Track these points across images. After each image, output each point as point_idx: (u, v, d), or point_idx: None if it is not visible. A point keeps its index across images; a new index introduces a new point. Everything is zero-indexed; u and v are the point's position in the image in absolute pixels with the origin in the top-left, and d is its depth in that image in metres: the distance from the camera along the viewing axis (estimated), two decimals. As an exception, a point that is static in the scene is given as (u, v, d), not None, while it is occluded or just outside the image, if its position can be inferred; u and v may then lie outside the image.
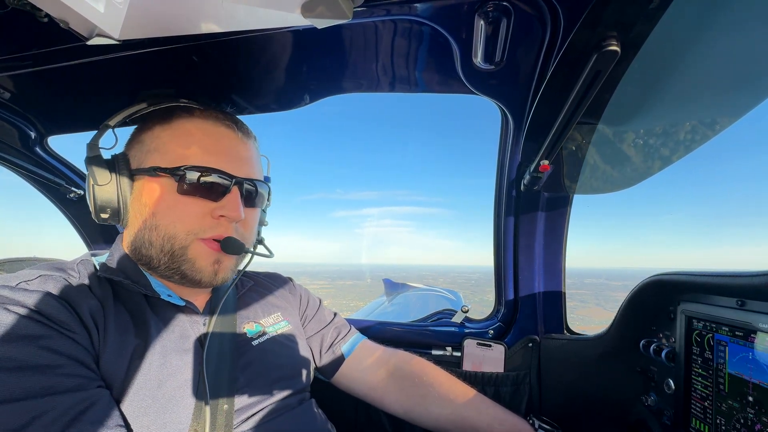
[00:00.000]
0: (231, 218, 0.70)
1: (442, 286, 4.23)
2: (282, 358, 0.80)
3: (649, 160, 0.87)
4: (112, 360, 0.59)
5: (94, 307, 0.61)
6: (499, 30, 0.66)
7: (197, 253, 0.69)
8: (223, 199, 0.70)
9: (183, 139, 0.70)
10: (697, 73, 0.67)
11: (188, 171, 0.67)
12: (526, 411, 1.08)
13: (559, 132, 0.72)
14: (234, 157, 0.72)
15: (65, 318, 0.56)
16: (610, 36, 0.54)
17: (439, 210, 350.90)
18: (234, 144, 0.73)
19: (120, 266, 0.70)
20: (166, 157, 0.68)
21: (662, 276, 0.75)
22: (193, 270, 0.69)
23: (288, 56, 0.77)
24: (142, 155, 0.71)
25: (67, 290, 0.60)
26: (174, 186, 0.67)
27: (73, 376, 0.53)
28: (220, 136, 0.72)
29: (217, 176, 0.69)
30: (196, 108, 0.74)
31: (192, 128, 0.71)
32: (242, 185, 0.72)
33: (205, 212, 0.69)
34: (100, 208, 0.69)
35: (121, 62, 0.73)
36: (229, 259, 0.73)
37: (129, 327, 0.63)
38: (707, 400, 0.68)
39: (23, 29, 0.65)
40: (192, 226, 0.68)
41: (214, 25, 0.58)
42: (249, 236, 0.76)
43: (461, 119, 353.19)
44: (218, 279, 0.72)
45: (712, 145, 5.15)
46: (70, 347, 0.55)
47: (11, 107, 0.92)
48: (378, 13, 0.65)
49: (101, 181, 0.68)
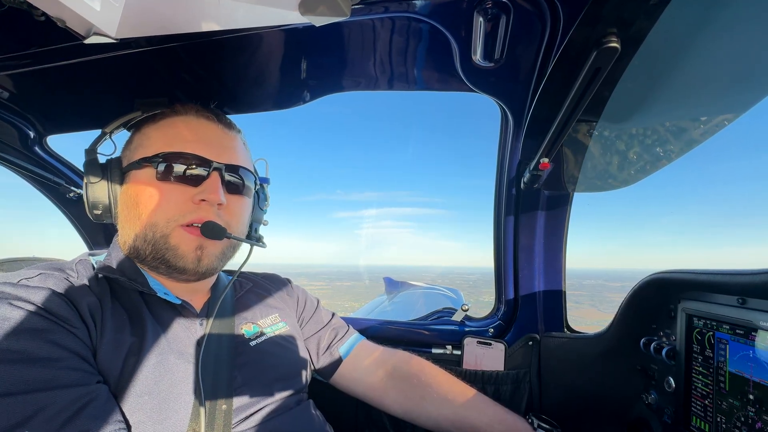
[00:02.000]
0: (211, 201, 0.70)
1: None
2: (279, 359, 0.81)
3: (650, 157, 0.86)
4: (108, 357, 0.59)
5: (92, 304, 0.61)
6: (499, 27, 0.65)
7: (178, 240, 0.69)
8: (203, 184, 0.70)
9: (165, 134, 0.73)
10: (698, 70, 0.67)
11: (166, 158, 0.69)
12: (526, 409, 1.08)
13: (559, 130, 0.72)
14: (214, 144, 0.74)
15: (66, 313, 0.57)
16: (610, 32, 0.54)
17: (438, 211, 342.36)
18: (214, 133, 0.75)
19: (118, 265, 0.71)
20: (149, 150, 0.71)
21: (663, 274, 0.75)
22: (176, 257, 0.69)
23: (286, 54, 0.77)
24: (131, 153, 0.74)
25: (66, 287, 0.61)
26: (154, 174, 0.69)
27: (74, 370, 0.54)
28: (200, 126, 0.75)
29: (196, 161, 0.70)
30: (178, 105, 0.76)
31: (174, 122, 0.74)
32: (222, 171, 0.73)
33: (185, 198, 0.70)
34: (92, 205, 0.72)
35: (120, 61, 0.73)
36: (212, 245, 0.72)
37: (125, 325, 0.64)
38: (708, 399, 0.68)
39: (21, 28, 0.64)
40: (172, 213, 0.69)
41: (211, 23, 0.58)
42: (234, 224, 0.76)
43: (461, 118, 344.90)
44: (202, 266, 0.72)
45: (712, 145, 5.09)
46: (72, 342, 0.55)
47: (10, 107, 0.92)
48: (376, 11, 0.65)
49: (93, 180, 0.72)
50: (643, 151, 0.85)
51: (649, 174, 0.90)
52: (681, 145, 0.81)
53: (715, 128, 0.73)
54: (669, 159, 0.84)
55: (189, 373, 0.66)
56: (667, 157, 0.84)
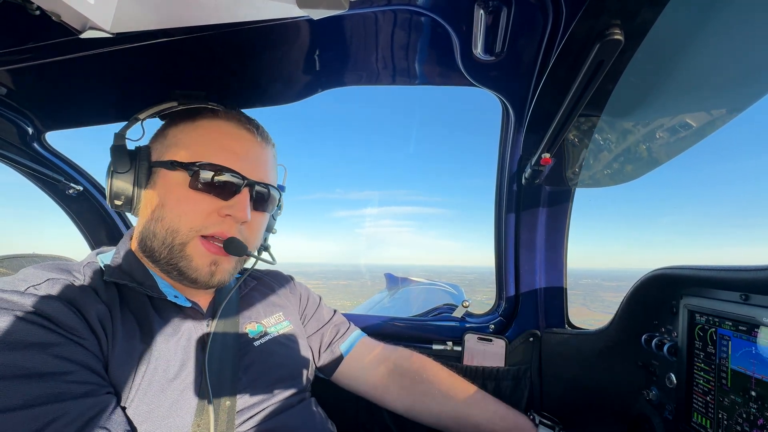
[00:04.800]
0: (237, 218, 0.70)
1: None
2: (283, 359, 0.81)
3: (654, 152, 0.85)
4: (120, 365, 0.59)
5: (101, 312, 0.60)
6: (500, 20, 0.64)
7: (195, 252, 0.68)
8: (232, 199, 0.70)
9: (203, 137, 0.71)
10: (703, 63, 0.65)
11: (202, 167, 0.68)
12: (527, 405, 1.08)
13: (560, 124, 0.71)
14: (250, 159, 0.73)
15: (75, 324, 0.56)
16: (614, 24, 0.53)
17: (439, 210, 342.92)
18: (251, 146, 0.74)
19: (126, 266, 0.70)
20: (184, 153, 0.69)
21: (665, 270, 0.74)
22: (189, 268, 0.69)
23: (284, 48, 0.76)
24: (163, 149, 0.72)
25: (74, 295, 0.60)
26: (187, 180, 0.68)
27: (83, 383, 0.53)
28: (239, 137, 0.73)
29: (230, 175, 0.69)
30: (221, 110, 0.75)
31: (214, 127, 0.72)
32: (253, 187, 0.72)
33: (211, 210, 0.69)
34: (114, 194, 0.70)
35: (117, 56, 0.72)
36: (228, 261, 0.72)
37: (136, 332, 0.63)
38: (709, 395, 0.67)
39: (16, 23, 0.64)
40: (195, 223, 0.68)
41: (208, 16, 0.57)
42: (253, 240, 0.76)
43: (461, 114, 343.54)
44: (215, 281, 0.72)
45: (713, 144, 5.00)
46: (80, 354, 0.55)
47: (9, 103, 0.92)
48: (376, 4, 0.64)
49: (120, 169, 0.69)
50: (647, 146, 0.84)
51: (653, 169, 0.89)
52: (685, 140, 0.80)
53: (720, 122, 0.72)
54: (673, 154, 0.83)
55: (195, 375, 0.66)
56: (671, 152, 0.83)
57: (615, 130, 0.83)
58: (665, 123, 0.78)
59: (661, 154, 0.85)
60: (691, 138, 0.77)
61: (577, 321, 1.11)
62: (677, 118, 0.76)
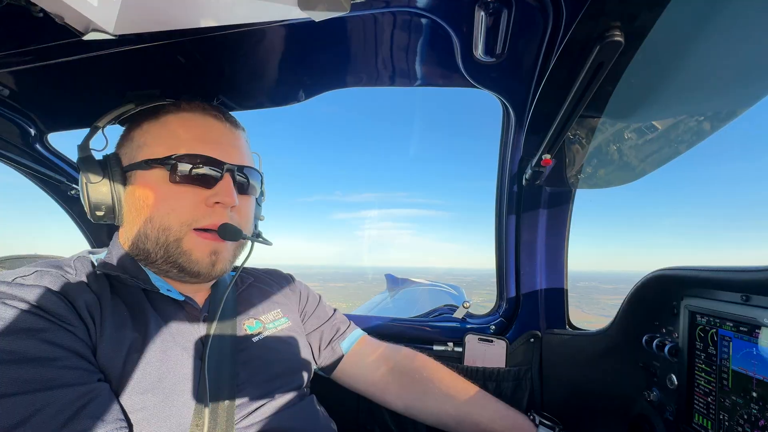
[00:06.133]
0: (225, 203, 0.70)
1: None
2: (282, 355, 0.81)
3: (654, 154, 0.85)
4: (109, 354, 0.58)
5: (90, 301, 0.61)
6: (500, 21, 0.64)
7: (192, 245, 0.69)
8: (216, 186, 0.70)
9: (172, 131, 0.71)
10: (704, 64, 0.66)
11: (180, 159, 0.67)
12: (528, 406, 1.08)
13: (561, 125, 0.71)
14: (223, 144, 0.73)
15: (63, 312, 0.56)
16: (614, 26, 0.53)
17: (438, 212, 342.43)
18: (223, 132, 0.74)
19: (119, 262, 0.70)
20: (157, 149, 0.69)
21: (665, 271, 0.74)
22: (190, 262, 0.69)
23: (286, 50, 0.76)
24: (133, 151, 0.71)
25: (63, 285, 0.60)
26: (166, 176, 0.68)
27: (73, 369, 0.53)
28: (208, 125, 0.73)
29: (209, 163, 0.69)
30: (183, 102, 0.75)
31: (180, 120, 0.72)
32: (234, 172, 0.72)
33: (198, 201, 0.69)
34: (94, 206, 0.69)
35: (119, 58, 0.72)
36: (226, 249, 0.72)
37: (126, 321, 0.63)
38: (710, 396, 0.67)
39: (20, 25, 0.64)
40: (186, 217, 0.68)
41: (210, 18, 0.58)
42: (245, 224, 0.76)
43: (462, 115, 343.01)
44: (216, 270, 0.72)
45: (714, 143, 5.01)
46: (69, 340, 0.55)
47: (11, 104, 0.92)
48: (377, 5, 0.64)
49: (93, 180, 0.68)
50: (647, 147, 0.85)
51: (653, 170, 0.89)
52: (686, 141, 0.80)
53: (721, 123, 0.72)
54: (674, 155, 0.83)
55: (193, 370, 0.65)
56: (671, 153, 0.83)
57: (615, 132, 0.84)
58: (665, 124, 0.78)
59: (661, 156, 0.85)
60: (690, 139, 0.77)
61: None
62: (677, 120, 0.76)
